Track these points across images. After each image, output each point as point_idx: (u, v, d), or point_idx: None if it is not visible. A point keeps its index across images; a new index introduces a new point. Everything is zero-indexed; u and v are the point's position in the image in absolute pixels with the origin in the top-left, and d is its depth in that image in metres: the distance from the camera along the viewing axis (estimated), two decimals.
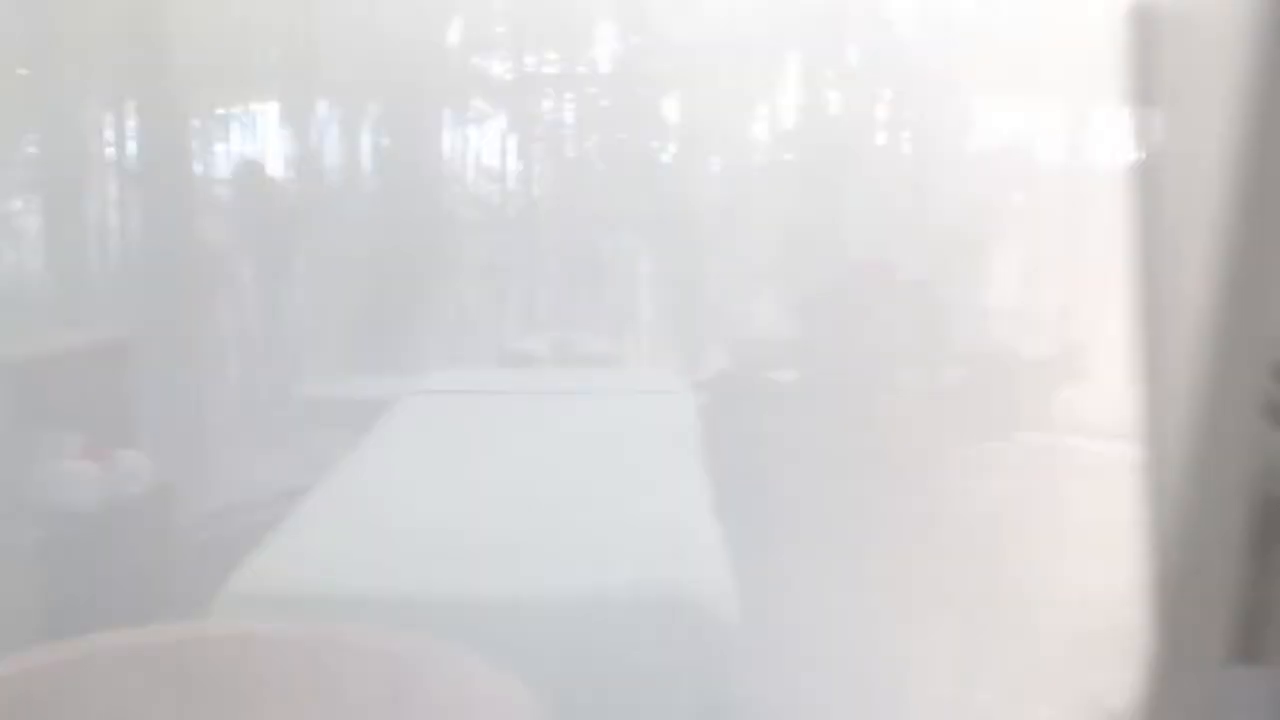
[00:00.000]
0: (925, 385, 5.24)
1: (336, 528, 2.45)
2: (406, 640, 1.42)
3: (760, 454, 4.50)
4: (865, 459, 4.82)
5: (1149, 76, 1.48)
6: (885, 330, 4.58)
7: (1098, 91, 5.42)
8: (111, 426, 3.17)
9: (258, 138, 5.09)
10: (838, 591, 3.85)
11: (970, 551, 4.31)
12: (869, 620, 3.66)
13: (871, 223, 5.45)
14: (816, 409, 4.64)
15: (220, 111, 5.00)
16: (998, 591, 3.87)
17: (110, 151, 4.45)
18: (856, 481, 4.83)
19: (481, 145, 5.53)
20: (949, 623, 3.68)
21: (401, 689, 1.36)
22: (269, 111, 5.09)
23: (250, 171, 4.90)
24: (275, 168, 5.09)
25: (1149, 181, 1.42)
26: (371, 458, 3.09)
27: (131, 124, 4.37)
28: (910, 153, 5.50)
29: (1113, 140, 5.48)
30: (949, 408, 4.72)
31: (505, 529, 2.36)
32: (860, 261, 4.90)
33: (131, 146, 4.40)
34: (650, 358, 5.42)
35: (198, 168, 4.75)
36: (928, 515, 4.58)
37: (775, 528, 3.93)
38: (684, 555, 2.29)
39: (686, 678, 1.99)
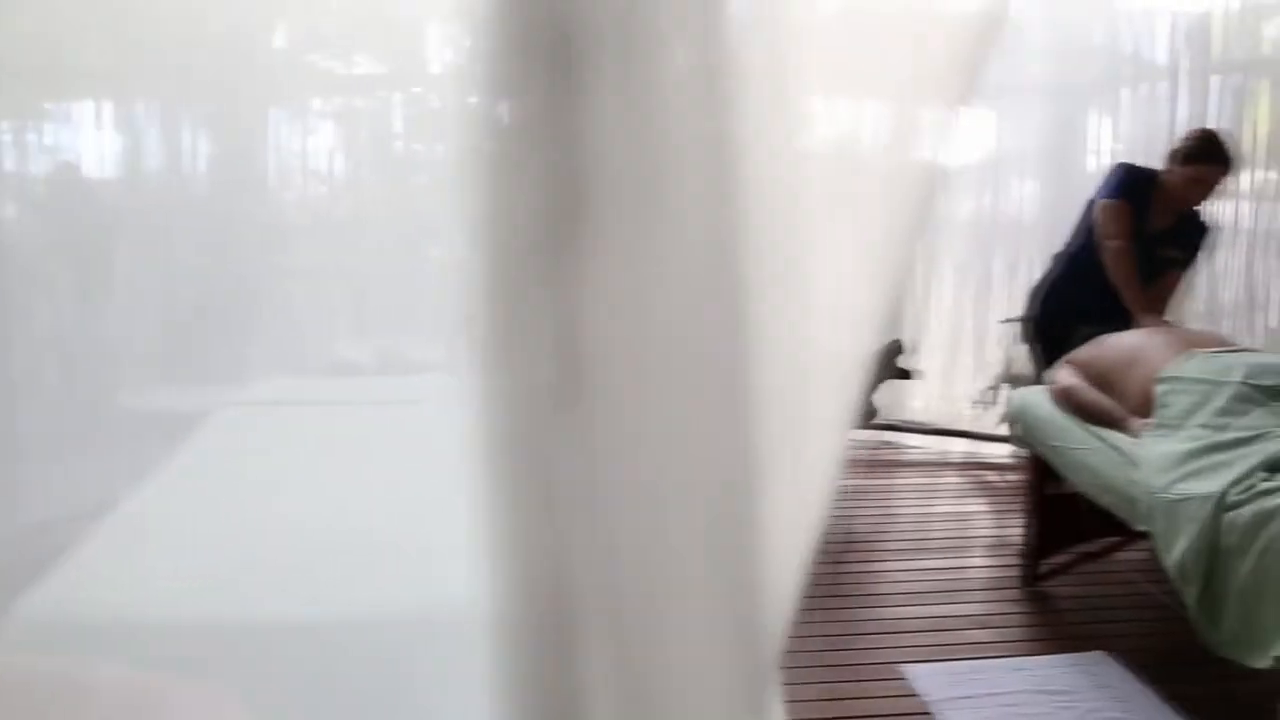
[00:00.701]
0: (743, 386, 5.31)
1: (139, 548, 2.38)
2: (153, 678, 1.38)
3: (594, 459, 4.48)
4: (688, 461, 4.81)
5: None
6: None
7: (921, 91, 5.59)
8: None
9: (75, 137, 4.91)
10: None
11: (792, 550, 4.38)
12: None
13: None
14: (642, 412, 4.63)
15: (33, 110, 4.81)
16: (815, 587, 3.97)
17: None
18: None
19: (309, 146, 5.43)
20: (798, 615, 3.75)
21: None
22: (87, 110, 4.91)
23: (66, 173, 4.72)
24: (93, 169, 4.92)
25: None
26: (180, 473, 3.02)
27: None
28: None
29: (935, 139, 5.66)
30: (769, 407, 4.78)
31: (308, 547, 2.32)
32: None
33: None
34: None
35: (7, 168, 4.56)
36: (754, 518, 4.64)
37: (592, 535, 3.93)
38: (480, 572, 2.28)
39: (465, 696, 1.98)
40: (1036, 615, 3.80)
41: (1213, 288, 5.33)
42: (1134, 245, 4.28)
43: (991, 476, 5.07)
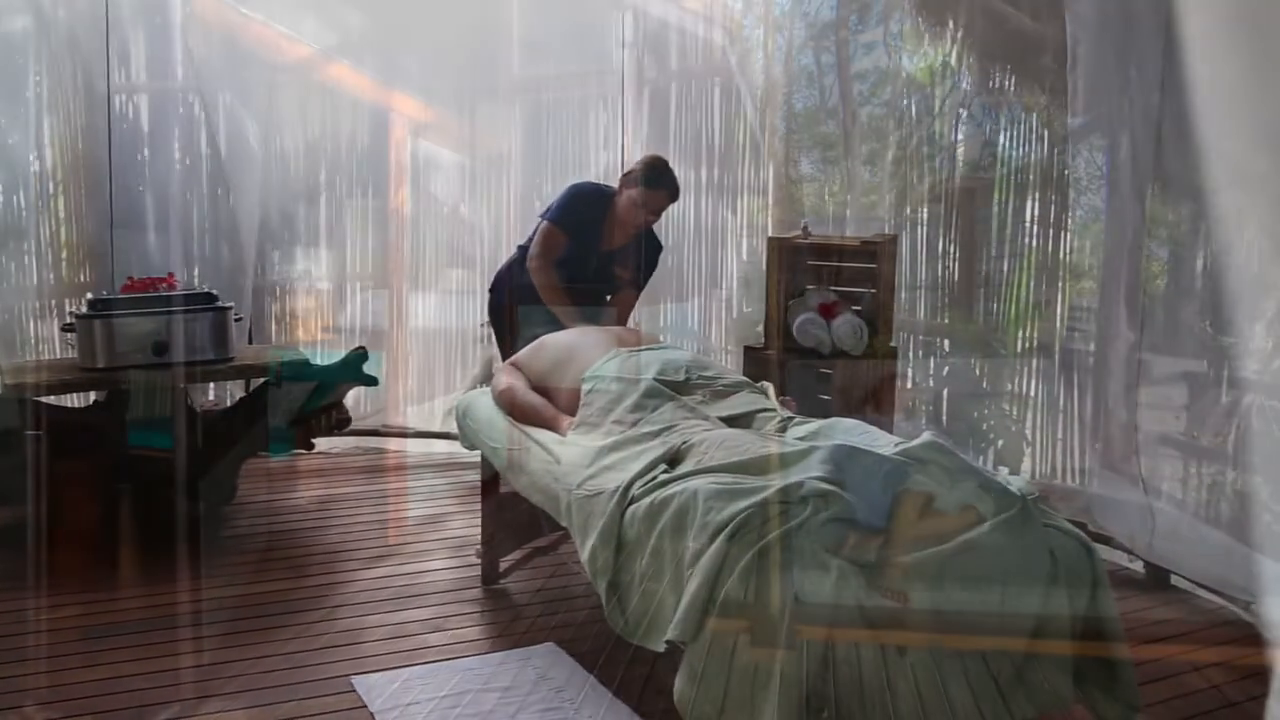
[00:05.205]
0: (216, 395, 5.19)
1: None
2: None
3: None
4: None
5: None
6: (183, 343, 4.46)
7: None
8: None
9: None
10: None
11: (281, 560, 4.30)
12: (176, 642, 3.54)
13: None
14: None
15: None
16: (270, 604, 3.88)
17: None
18: None
19: None
20: (250, 636, 3.65)
21: None
22: None
23: None
24: None
25: None
26: None
27: None
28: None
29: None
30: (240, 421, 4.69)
31: None
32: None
33: None
34: None
35: None
36: (236, 531, 4.52)
37: None
38: None
39: None
40: (493, 613, 3.87)
41: (680, 275, 5.69)
42: (568, 266, 4.44)
43: (471, 477, 5.13)
